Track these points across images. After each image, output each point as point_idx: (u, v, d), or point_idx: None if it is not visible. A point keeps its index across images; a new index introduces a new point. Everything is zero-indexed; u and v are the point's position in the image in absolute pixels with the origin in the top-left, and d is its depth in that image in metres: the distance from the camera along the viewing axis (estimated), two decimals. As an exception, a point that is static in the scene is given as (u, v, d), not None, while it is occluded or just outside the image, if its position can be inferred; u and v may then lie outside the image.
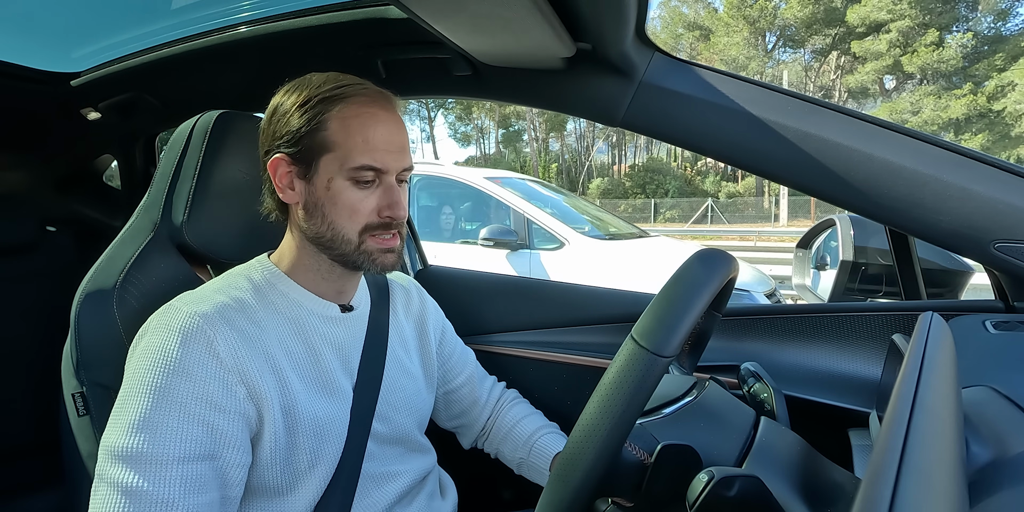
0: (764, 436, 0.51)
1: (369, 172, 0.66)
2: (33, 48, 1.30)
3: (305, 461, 0.65)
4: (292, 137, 0.66)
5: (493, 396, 0.95)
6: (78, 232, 1.56)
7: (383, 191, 0.67)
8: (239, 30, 1.08)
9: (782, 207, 20.54)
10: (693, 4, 27.49)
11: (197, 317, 0.61)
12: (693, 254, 0.51)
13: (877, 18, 21.41)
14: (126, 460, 0.55)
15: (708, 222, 21.15)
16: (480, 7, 0.67)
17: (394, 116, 0.69)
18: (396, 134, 0.68)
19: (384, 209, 0.67)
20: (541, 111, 30.88)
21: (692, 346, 0.69)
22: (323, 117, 0.65)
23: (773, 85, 0.81)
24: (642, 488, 0.47)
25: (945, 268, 1.07)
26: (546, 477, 0.82)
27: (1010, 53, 21.41)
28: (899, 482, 0.25)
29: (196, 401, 0.58)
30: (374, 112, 0.66)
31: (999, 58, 21.26)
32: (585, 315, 1.06)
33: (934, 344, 0.40)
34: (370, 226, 0.67)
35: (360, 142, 0.65)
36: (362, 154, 0.65)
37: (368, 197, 0.67)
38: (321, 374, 0.69)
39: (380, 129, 0.66)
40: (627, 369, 0.42)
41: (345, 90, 0.66)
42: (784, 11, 23.35)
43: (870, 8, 21.19)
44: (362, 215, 0.67)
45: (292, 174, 0.68)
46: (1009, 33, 22.01)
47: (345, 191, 0.66)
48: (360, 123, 0.65)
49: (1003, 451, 0.42)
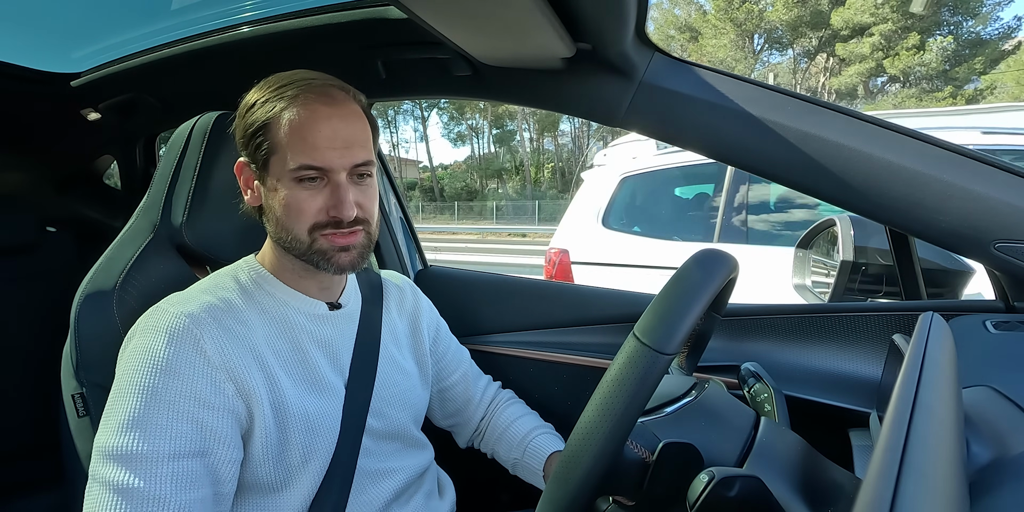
0: (764, 436, 0.51)
1: (311, 171, 0.64)
2: (33, 48, 1.30)
3: (298, 457, 0.65)
4: (245, 141, 0.67)
5: (487, 395, 0.95)
6: (78, 232, 1.56)
7: (330, 190, 0.66)
8: (239, 30, 1.08)
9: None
10: (685, 6, 27.58)
11: (184, 317, 0.61)
12: (693, 255, 0.51)
13: (860, 21, 21.79)
14: (118, 459, 0.56)
15: None
16: (480, 7, 0.67)
17: (341, 111, 0.66)
18: (341, 130, 0.65)
19: (331, 208, 0.65)
20: (534, 111, 31.14)
21: (691, 348, 0.69)
22: (268, 119, 0.65)
23: (773, 85, 0.81)
24: (644, 486, 0.47)
25: (945, 268, 1.07)
26: (540, 478, 0.83)
27: (989, 56, 21.83)
28: (899, 482, 0.25)
29: (185, 399, 0.59)
30: (315, 108, 0.65)
31: (978, 62, 21.67)
32: (585, 315, 1.06)
33: (934, 344, 0.40)
34: (318, 225, 0.66)
35: (299, 141, 0.64)
36: (300, 154, 0.64)
37: (314, 197, 0.65)
38: (309, 371, 0.69)
39: (321, 126, 0.64)
40: (629, 366, 0.42)
41: (288, 89, 0.65)
42: (770, 14, 23.67)
43: (853, 11, 21.57)
44: (308, 215, 0.65)
45: (252, 177, 0.69)
46: (988, 37, 22.50)
47: (290, 192, 0.65)
48: (299, 123, 0.64)
49: (1003, 451, 0.42)
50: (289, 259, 0.71)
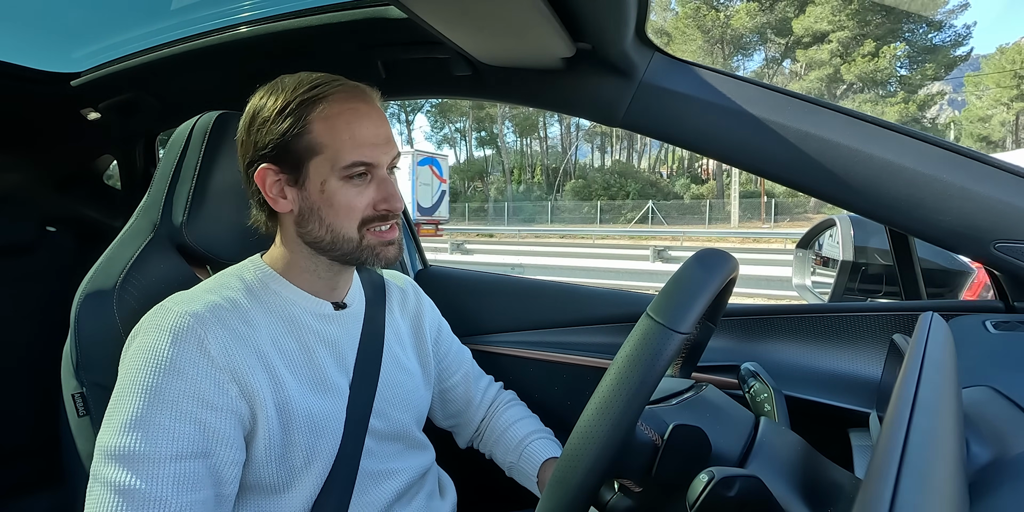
0: (764, 436, 0.51)
1: (360, 167, 0.66)
2: (33, 48, 1.30)
3: (301, 458, 0.65)
4: (276, 145, 0.65)
5: (488, 397, 0.95)
6: (78, 232, 1.56)
7: (377, 185, 0.67)
8: (239, 30, 1.08)
9: (733, 211, 22.32)
10: (661, 12, 27.97)
11: (188, 316, 0.61)
12: (694, 254, 0.51)
13: (820, 28, 22.91)
14: (120, 459, 0.55)
15: (649, 223, 22.33)
16: (480, 7, 0.67)
17: (375, 109, 0.69)
18: (380, 126, 0.68)
19: (380, 202, 0.67)
20: (514, 115, 31.44)
21: (685, 358, 0.69)
22: (306, 120, 0.64)
23: (773, 85, 0.81)
24: (653, 470, 0.47)
25: (945, 268, 1.07)
26: (534, 483, 0.83)
27: (940, 63, 23.00)
28: (899, 482, 0.25)
29: (188, 399, 0.58)
30: (355, 107, 0.66)
31: (930, 68, 22.82)
32: (585, 315, 1.06)
33: (934, 344, 0.40)
34: (367, 220, 0.67)
35: (347, 140, 0.65)
36: (351, 151, 0.65)
37: (363, 193, 0.67)
38: (315, 371, 0.69)
39: (365, 123, 0.66)
40: (643, 343, 0.42)
41: (322, 89, 0.65)
42: (735, 21, 24.49)
43: (813, 19, 22.67)
44: (359, 211, 0.67)
45: (282, 183, 0.67)
46: (940, 43, 23.64)
47: (340, 191, 0.66)
48: (344, 121, 0.65)
49: (1003, 451, 0.42)
50: (315, 261, 0.70)
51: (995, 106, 25.52)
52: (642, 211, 22.98)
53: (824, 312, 0.87)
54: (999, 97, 24.93)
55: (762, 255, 9.11)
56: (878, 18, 22.21)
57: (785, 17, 24.21)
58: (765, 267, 7.41)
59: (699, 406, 0.54)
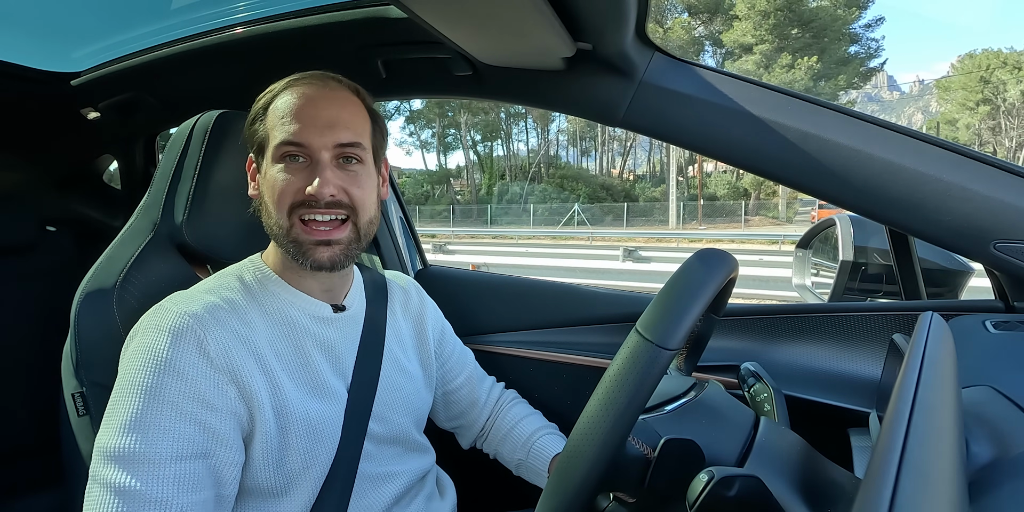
0: (764, 436, 0.51)
1: (291, 147, 0.65)
2: (33, 48, 1.30)
3: (298, 462, 0.65)
4: (249, 135, 0.70)
5: (492, 397, 0.95)
6: (78, 232, 1.56)
7: (309, 169, 0.65)
8: (239, 30, 1.08)
9: (671, 213, 23.78)
10: None
11: (187, 317, 0.61)
12: (694, 253, 0.51)
13: (746, 41, 24.67)
14: (119, 460, 0.55)
15: (575, 225, 23.74)
16: (480, 7, 0.67)
17: (329, 94, 0.68)
18: (324, 109, 0.66)
19: (309, 187, 0.64)
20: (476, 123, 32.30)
21: (690, 349, 0.69)
22: (264, 105, 0.68)
23: (773, 85, 0.81)
24: (645, 483, 0.47)
25: (945, 268, 1.07)
26: (544, 478, 0.82)
27: (852, 73, 24.95)
28: (899, 482, 0.25)
29: (188, 400, 0.58)
30: (304, 92, 0.67)
31: (842, 79, 24.76)
32: (585, 315, 1.06)
33: (934, 344, 0.40)
34: (294, 205, 0.65)
35: (284, 121, 0.66)
36: (283, 132, 0.65)
37: (294, 176, 0.65)
38: (311, 375, 0.68)
39: (306, 106, 0.66)
40: (631, 361, 0.42)
41: (293, 82, 0.69)
42: (671, 33, 26.04)
43: (740, 32, 24.53)
44: (287, 194, 0.65)
45: (255, 170, 0.71)
46: (853, 54, 25.56)
47: (272, 172, 0.66)
48: (286, 104, 0.66)
49: (1003, 451, 0.42)
50: (288, 256, 0.70)
51: (961, 110, 27.46)
52: (568, 214, 24.59)
53: (824, 312, 0.87)
54: (964, 101, 26.96)
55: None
56: (796, 32, 24.27)
57: (718, 31, 26.39)
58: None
59: (695, 413, 0.53)
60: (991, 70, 25.74)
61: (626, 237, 16.79)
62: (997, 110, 26.48)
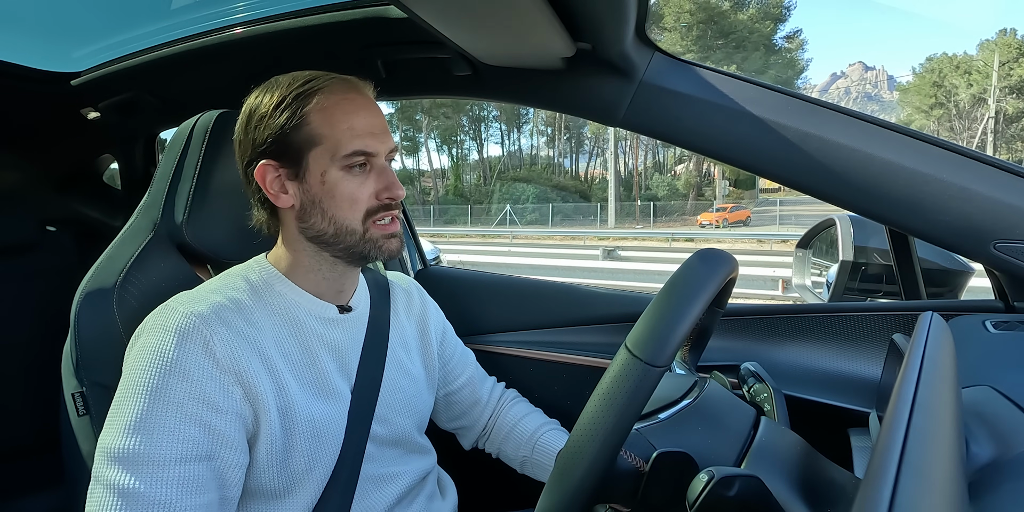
0: (764, 436, 0.51)
1: (360, 157, 0.66)
2: (33, 48, 1.30)
3: (302, 464, 0.64)
4: (275, 140, 0.65)
5: (494, 396, 0.95)
6: (78, 232, 1.56)
7: (377, 174, 0.67)
8: (239, 30, 1.08)
9: (610, 212, 26.52)
10: None
11: (193, 317, 0.60)
12: (694, 253, 0.51)
13: (675, 51, 27.34)
14: (122, 461, 0.55)
15: (507, 224, 25.53)
16: (480, 7, 0.67)
17: (370, 100, 0.69)
18: (377, 117, 0.68)
19: (382, 192, 0.67)
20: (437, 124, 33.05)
21: (694, 343, 0.69)
22: (303, 112, 0.64)
23: (773, 85, 0.81)
24: (638, 495, 0.47)
25: (945, 268, 1.07)
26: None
27: (770, 80, 27.76)
28: (899, 482, 0.25)
29: (193, 401, 0.58)
30: (351, 97, 0.67)
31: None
32: (585, 315, 1.06)
33: (934, 344, 0.40)
34: (371, 211, 0.67)
35: (346, 130, 0.65)
36: (351, 141, 0.65)
37: (364, 183, 0.67)
38: (317, 376, 0.68)
39: (362, 113, 0.66)
40: (620, 380, 0.42)
41: (316, 83, 0.66)
42: None
43: (669, 42, 27.14)
44: (362, 202, 0.67)
45: (282, 178, 0.67)
46: (773, 63, 28.45)
47: (341, 181, 0.66)
48: (342, 111, 0.65)
49: (1003, 451, 0.42)
50: (319, 259, 0.70)
51: (916, 114, 29.17)
52: (501, 214, 26.08)
53: (824, 312, 0.87)
54: (919, 105, 28.91)
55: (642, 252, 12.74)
56: (719, 43, 26.45)
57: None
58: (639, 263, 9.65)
59: (691, 419, 0.53)
60: (943, 74, 27.67)
61: (546, 235, 18.79)
62: (949, 114, 28.03)
